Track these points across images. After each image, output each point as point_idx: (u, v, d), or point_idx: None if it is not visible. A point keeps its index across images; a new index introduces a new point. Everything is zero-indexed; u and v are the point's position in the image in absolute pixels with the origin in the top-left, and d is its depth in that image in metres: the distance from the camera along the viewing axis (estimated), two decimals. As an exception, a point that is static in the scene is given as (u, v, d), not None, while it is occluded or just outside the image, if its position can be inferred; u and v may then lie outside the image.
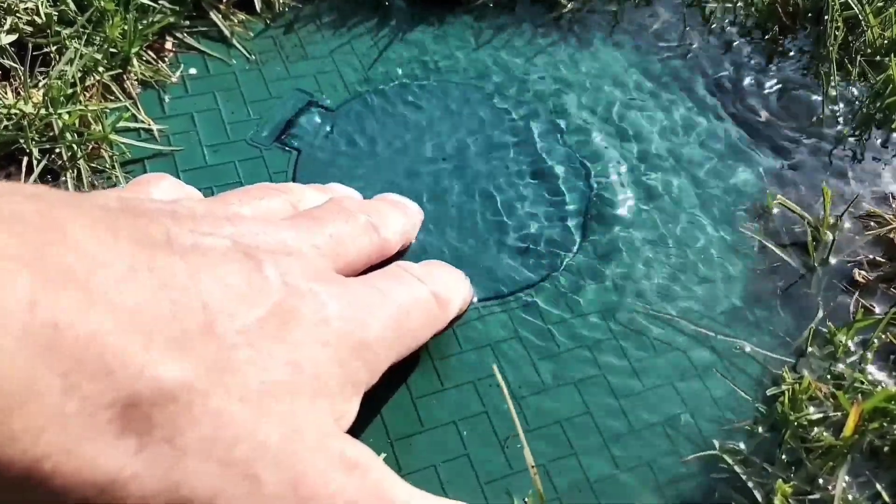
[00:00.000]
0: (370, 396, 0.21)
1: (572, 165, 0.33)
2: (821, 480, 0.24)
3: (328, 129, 0.34)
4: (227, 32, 0.38)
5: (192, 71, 0.36)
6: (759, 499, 0.23)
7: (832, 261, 0.30)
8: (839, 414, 0.24)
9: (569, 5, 0.42)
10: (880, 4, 0.39)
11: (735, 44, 0.41)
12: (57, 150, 0.30)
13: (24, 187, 0.17)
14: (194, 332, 0.15)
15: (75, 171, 0.30)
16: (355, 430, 0.23)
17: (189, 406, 0.14)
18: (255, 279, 0.17)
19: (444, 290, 0.22)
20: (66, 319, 0.12)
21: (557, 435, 0.25)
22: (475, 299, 0.28)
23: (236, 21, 0.39)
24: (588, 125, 0.36)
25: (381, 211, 0.24)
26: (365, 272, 0.22)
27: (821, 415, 0.25)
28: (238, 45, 0.38)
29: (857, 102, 0.37)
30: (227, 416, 0.14)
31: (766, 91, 0.38)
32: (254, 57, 0.38)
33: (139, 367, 0.13)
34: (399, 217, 0.25)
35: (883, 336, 0.27)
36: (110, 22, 0.33)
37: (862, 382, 0.26)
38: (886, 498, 0.23)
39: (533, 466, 0.21)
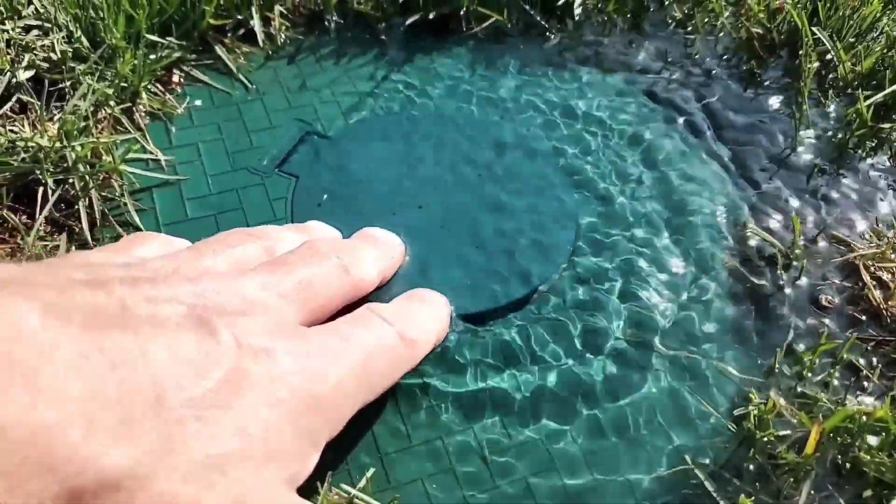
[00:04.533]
0: (362, 412, 0.23)
1: (560, 192, 0.35)
2: (785, 495, 0.25)
3: (326, 156, 0.36)
4: (231, 65, 0.40)
5: (198, 102, 0.38)
6: (727, 511, 0.25)
7: (802, 285, 0.32)
8: (803, 432, 0.26)
9: (557, 36, 0.44)
10: (852, 40, 0.41)
11: (714, 72, 0.43)
12: (70, 181, 0.32)
13: None
14: (141, 413, 0.15)
15: (87, 200, 0.31)
16: (346, 446, 0.25)
17: (132, 493, 0.14)
18: (208, 346, 0.17)
19: (414, 329, 0.23)
20: (12, 419, 0.13)
21: (538, 447, 0.26)
22: (455, 325, 0.29)
23: (239, 53, 0.41)
24: (575, 153, 0.37)
25: (357, 250, 0.25)
26: (341, 312, 0.23)
27: (787, 432, 0.26)
28: (241, 77, 0.40)
29: (829, 132, 0.39)
30: (170, 497, 0.15)
31: (744, 119, 0.40)
32: (255, 88, 0.40)
33: (82, 460, 0.14)
34: (375, 255, 0.25)
35: (846, 357, 0.29)
36: (121, 58, 0.35)
37: (826, 402, 0.27)
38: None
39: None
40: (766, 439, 0.26)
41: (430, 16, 0.43)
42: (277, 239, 0.24)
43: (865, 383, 0.29)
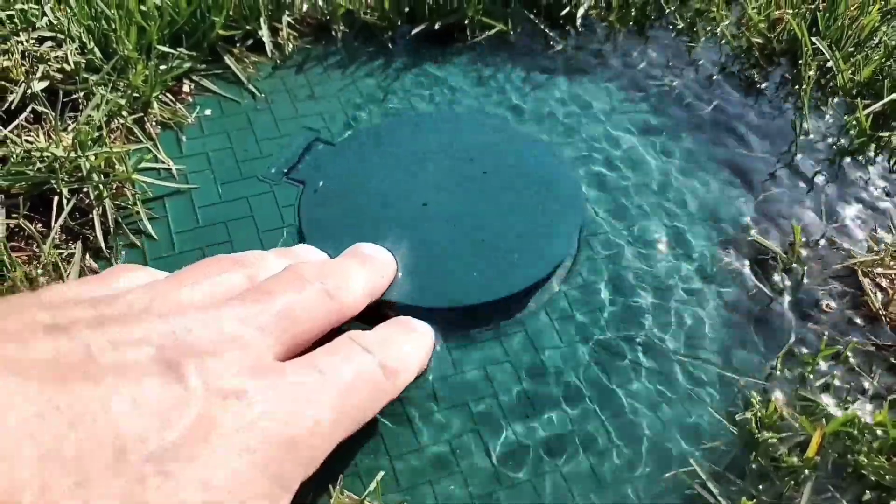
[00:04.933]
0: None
1: (565, 194, 0.35)
2: (787, 497, 0.26)
3: (333, 162, 0.37)
4: (240, 75, 0.41)
5: (208, 112, 0.39)
6: (729, 513, 0.25)
7: (801, 290, 0.32)
8: (804, 435, 0.27)
9: (560, 45, 0.45)
10: (851, 50, 0.42)
11: (715, 79, 0.43)
12: (85, 190, 0.32)
13: None
14: (99, 473, 0.14)
15: (101, 209, 0.32)
16: (356, 449, 0.25)
17: None
18: (175, 392, 0.16)
19: (395, 359, 0.22)
20: None
21: (538, 453, 0.27)
22: (437, 347, 0.28)
23: (248, 63, 0.42)
24: (577, 157, 0.38)
25: (343, 272, 0.24)
26: (325, 338, 0.22)
27: (788, 435, 0.27)
28: (250, 87, 0.40)
29: (829, 139, 0.40)
30: None
31: (745, 126, 0.40)
32: (264, 97, 0.40)
33: None
34: (363, 274, 0.25)
35: (846, 362, 0.29)
36: (134, 69, 0.36)
37: (826, 405, 0.28)
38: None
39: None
40: (767, 442, 0.27)
41: (436, 26, 0.44)
42: (260, 265, 0.23)
43: (866, 386, 0.29)
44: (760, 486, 0.26)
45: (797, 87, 0.42)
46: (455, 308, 0.30)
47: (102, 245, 0.31)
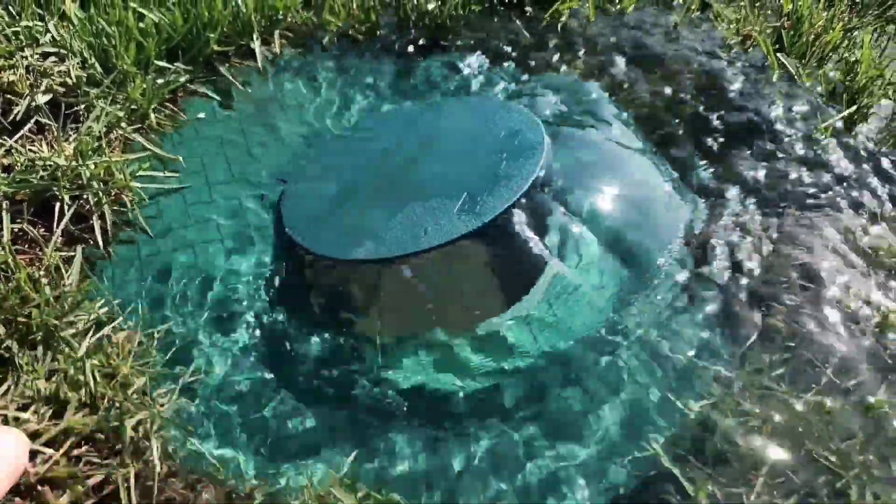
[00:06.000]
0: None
1: (518, 186, 0.37)
2: (745, 480, 0.27)
3: (318, 161, 0.39)
4: (233, 81, 0.43)
5: (201, 115, 0.41)
6: (691, 493, 0.27)
7: (762, 287, 0.34)
8: (762, 419, 0.28)
9: (536, 43, 0.47)
10: (815, 64, 0.44)
11: (684, 93, 0.46)
12: (85, 197, 0.34)
13: None
14: None
15: (101, 214, 0.34)
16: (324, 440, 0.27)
17: None
18: None
19: None
20: None
21: (510, 442, 0.29)
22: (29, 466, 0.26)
23: (241, 70, 0.44)
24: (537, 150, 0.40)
25: None
26: None
27: (747, 420, 0.29)
28: (242, 93, 0.43)
29: (792, 147, 0.42)
30: None
31: (710, 135, 0.43)
32: (255, 102, 0.42)
33: None
34: None
35: (801, 352, 0.31)
36: (132, 83, 0.38)
37: (784, 393, 0.30)
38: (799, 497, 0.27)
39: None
40: (728, 427, 0.28)
41: (421, 40, 0.46)
42: None
43: (822, 378, 0.31)
44: (720, 468, 0.28)
45: (765, 99, 0.44)
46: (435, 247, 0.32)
47: (101, 247, 0.33)
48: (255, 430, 0.29)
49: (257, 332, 0.32)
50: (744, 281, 0.35)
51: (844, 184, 0.40)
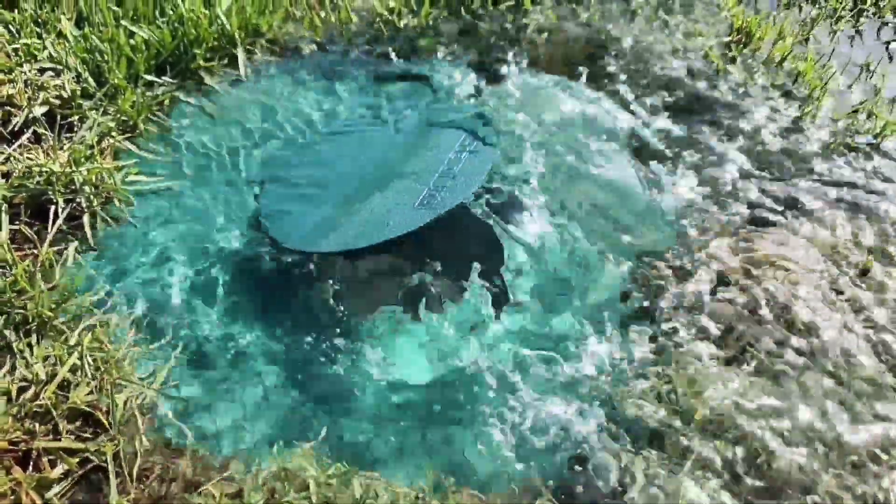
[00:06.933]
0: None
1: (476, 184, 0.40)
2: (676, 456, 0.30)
3: (295, 163, 0.43)
4: (216, 88, 0.46)
5: (185, 122, 0.44)
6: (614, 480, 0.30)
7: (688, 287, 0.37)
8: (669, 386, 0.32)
9: (506, 44, 0.50)
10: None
11: (650, 100, 0.49)
12: (78, 200, 0.37)
13: None
14: None
15: (93, 216, 0.37)
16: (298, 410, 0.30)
17: None
18: None
19: None
20: None
21: (454, 435, 0.31)
22: None
23: (223, 77, 0.47)
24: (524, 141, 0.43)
25: None
26: None
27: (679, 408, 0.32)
28: (223, 99, 0.46)
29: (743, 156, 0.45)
30: None
31: (668, 144, 0.46)
32: (237, 109, 0.46)
33: None
34: None
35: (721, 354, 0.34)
36: (123, 96, 0.41)
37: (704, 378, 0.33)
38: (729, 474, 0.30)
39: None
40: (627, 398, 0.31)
41: (393, 51, 0.50)
42: None
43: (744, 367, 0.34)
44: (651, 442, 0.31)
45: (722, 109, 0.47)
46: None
47: (91, 242, 0.36)
48: (230, 409, 0.32)
49: (237, 316, 0.35)
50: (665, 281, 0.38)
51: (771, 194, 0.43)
